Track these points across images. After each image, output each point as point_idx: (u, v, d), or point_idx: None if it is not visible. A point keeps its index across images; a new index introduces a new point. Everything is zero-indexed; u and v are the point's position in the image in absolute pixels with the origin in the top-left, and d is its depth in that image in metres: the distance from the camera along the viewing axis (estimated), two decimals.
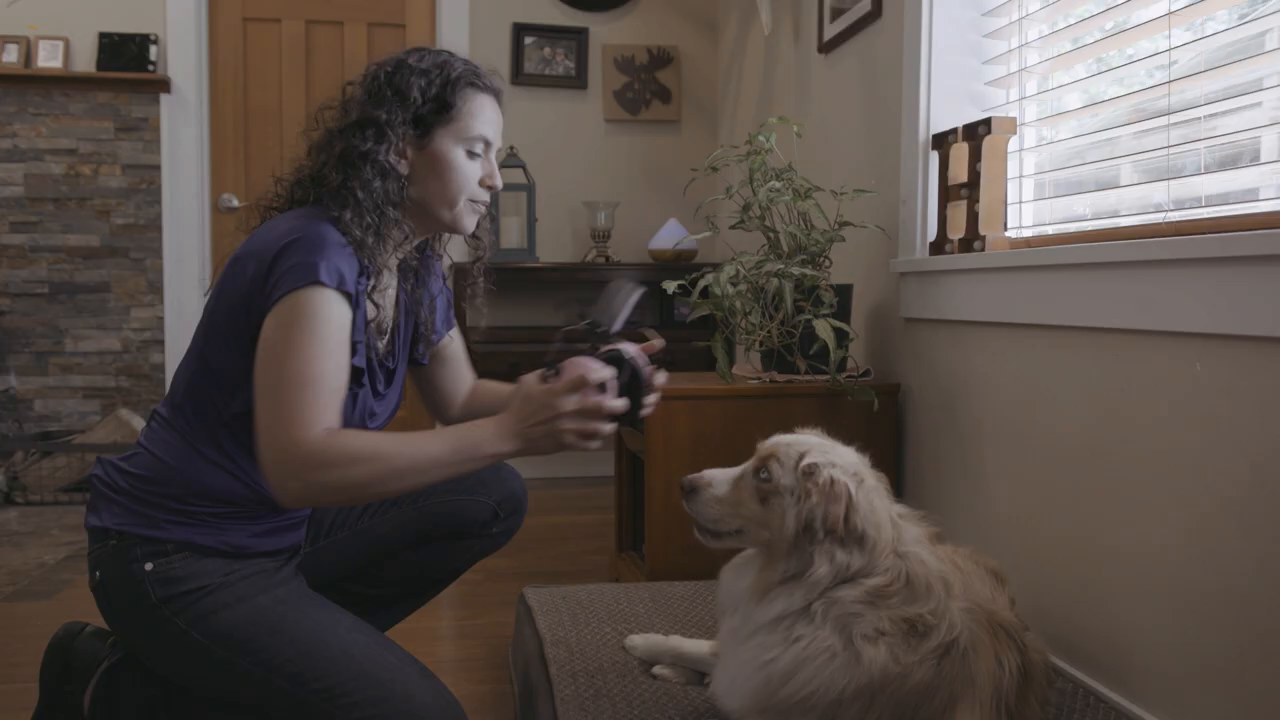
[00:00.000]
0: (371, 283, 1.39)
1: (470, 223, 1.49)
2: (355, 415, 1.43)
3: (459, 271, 1.53)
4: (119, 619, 1.41)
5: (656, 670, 1.59)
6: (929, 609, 1.20)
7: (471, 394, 1.73)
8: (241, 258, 1.35)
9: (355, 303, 1.34)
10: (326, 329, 1.28)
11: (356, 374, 1.38)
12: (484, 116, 1.45)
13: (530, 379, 1.32)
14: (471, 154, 1.45)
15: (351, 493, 1.30)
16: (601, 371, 1.29)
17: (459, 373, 1.71)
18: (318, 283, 1.27)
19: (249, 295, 1.31)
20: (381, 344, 1.48)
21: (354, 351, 1.35)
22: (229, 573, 1.38)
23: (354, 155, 1.37)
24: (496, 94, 1.48)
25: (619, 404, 1.30)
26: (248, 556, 1.41)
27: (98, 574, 1.40)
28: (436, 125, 1.42)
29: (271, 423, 1.25)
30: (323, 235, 1.30)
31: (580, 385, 1.28)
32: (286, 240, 1.30)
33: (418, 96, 1.40)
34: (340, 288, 1.30)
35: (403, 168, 1.41)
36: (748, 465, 1.32)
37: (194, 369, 1.40)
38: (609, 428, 1.31)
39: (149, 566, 1.35)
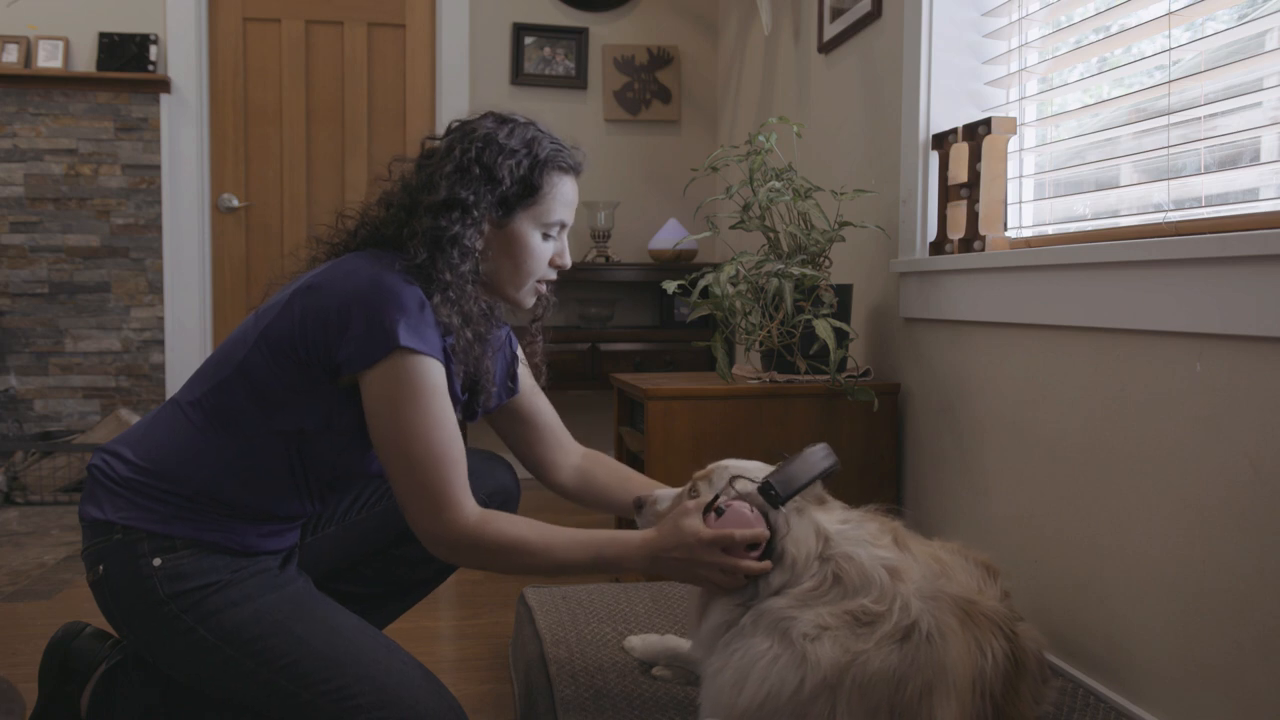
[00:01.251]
0: (454, 341, 1.40)
1: (531, 301, 1.52)
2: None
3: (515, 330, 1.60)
4: (123, 614, 1.40)
5: (656, 671, 1.59)
6: (870, 598, 1.20)
7: (589, 470, 1.70)
8: (317, 291, 1.35)
9: (448, 360, 1.38)
10: (436, 395, 1.33)
11: None
12: (565, 200, 1.48)
13: (691, 509, 1.33)
14: (547, 235, 1.48)
15: (494, 569, 1.41)
16: (753, 532, 1.28)
17: (541, 435, 1.70)
18: (413, 352, 1.30)
19: (318, 333, 1.33)
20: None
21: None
22: (236, 570, 1.38)
23: (442, 238, 1.37)
24: (578, 173, 1.52)
25: (758, 567, 1.28)
26: (253, 554, 1.42)
27: (100, 568, 1.38)
28: (518, 207, 1.44)
29: (422, 504, 1.33)
30: (409, 297, 1.32)
31: (728, 543, 1.28)
32: (376, 296, 1.30)
33: (506, 178, 1.41)
34: (432, 354, 1.32)
35: (480, 244, 1.42)
36: (684, 488, 1.38)
37: (229, 375, 1.39)
38: (740, 582, 1.30)
39: (157, 562, 1.35)
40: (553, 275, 1.51)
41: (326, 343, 1.33)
